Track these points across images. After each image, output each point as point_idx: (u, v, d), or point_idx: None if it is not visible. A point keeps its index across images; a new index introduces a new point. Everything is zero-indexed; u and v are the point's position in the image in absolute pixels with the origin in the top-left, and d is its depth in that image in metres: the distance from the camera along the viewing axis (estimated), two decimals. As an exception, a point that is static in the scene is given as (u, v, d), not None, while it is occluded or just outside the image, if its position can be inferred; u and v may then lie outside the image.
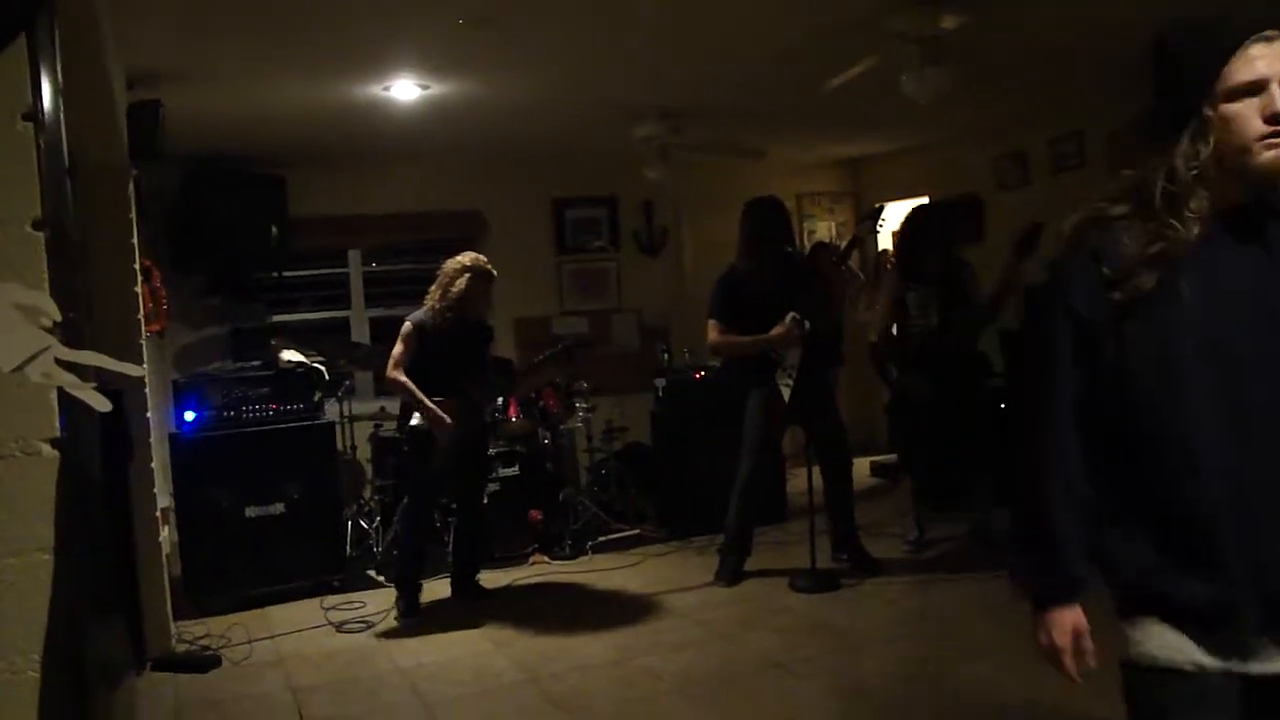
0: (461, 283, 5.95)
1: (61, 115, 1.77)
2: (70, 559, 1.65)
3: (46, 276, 1.59)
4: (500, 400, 7.31)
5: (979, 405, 6.45)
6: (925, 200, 10.10)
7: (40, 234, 1.60)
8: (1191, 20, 1.99)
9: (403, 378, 5.92)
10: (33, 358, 1.40)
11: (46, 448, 1.64)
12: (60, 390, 1.64)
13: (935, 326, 6.35)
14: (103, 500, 3.05)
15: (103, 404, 1.50)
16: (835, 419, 6.39)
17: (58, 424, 1.63)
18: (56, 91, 1.71)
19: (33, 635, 1.64)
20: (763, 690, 4.59)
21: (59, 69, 1.76)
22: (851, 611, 5.61)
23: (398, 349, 6.00)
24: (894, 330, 6.54)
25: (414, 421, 5.95)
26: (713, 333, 6.27)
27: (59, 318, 1.49)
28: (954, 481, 6.69)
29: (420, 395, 5.87)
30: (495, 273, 6.13)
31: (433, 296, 6.04)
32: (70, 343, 1.54)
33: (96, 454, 2.50)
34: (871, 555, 6.36)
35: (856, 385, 9.63)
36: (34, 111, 1.58)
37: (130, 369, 1.60)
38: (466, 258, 6.08)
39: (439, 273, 6.11)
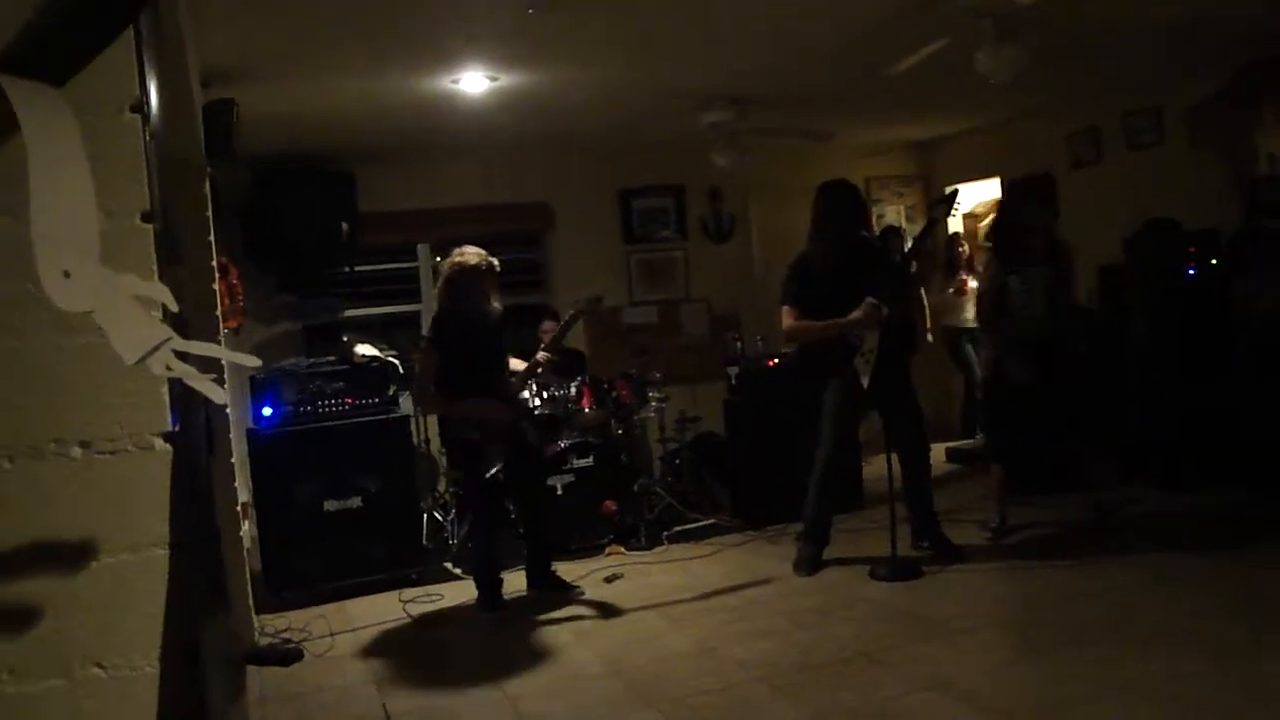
0: (460, 281, 5.90)
1: (163, 110, 1.77)
2: (185, 553, 1.65)
3: (155, 270, 1.59)
4: (573, 391, 7.31)
5: (1084, 387, 6.31)
6: (996, 182, 9.98)
7: (150, 226, 1.59)
8: None
9: (434, 396, 5.94)
10: (154, 350, 1.40)
11: (159, 441, 1.63)
12: (170, 383, 1.63)
13: (1040, 311, 6.20)
14: (210, 492, 3.07)
15: (220, 396, 1.50)
16: (913, 405, 6.29)
17: (168, 418, 1.63)
18: (160, 85, 1.71)
19: (150, 631, 1.64)
20: (849, 679, 4.53)
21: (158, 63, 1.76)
22: (934, 600, 5.53)
23: (421, 366, 6.00)
24: (995, 314, 6.39)
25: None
26: (787, 319, 6.18)
27: (176, 309, 1.49)
28: (1055, 465, 6.58)
29: (457, 404, 5.87)
30: (494, 263, 5.97)
31: (442, 297, 6.02)
32: (180, 332, 1.54)
33: (205, 448, 2.51)
34: (953, 542, 6.27)
35: (930, 371, 9.52)
36: (140, 103, 1.58)
37: (245, 359, 1.59)
38: (460, 255, 5.96)
39: (443, 272, 6.05)
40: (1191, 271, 7.32)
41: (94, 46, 1.46)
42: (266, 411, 6.48)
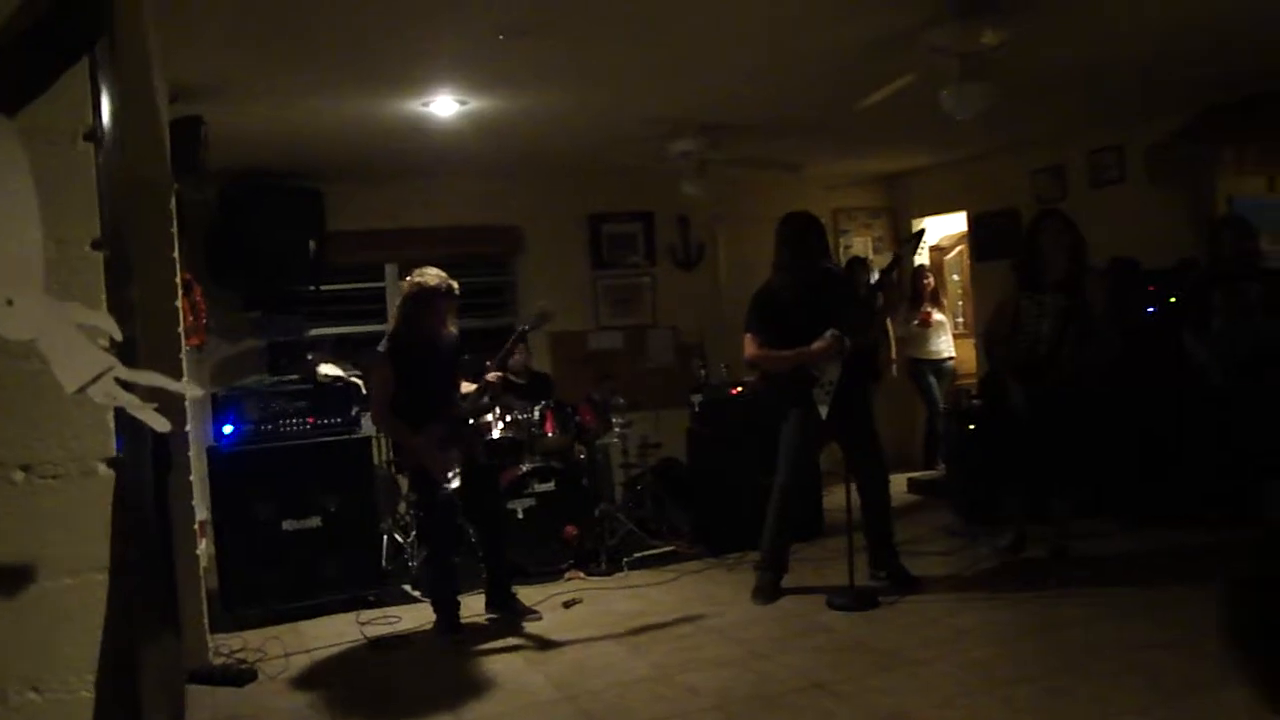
0: (417, 302, 5.89)
1: (119, 135, 1.78)
2: (125, 577, 1.65)
3: (104, 297, 1.59)
4: (536, 414, 7.31)
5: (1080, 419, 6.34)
6: (963, 216, 10.07)
7: (100, 254, 1.60)
8: None
9: (391, 419, 5.91)
10: (95, 378, 1.41)
11: (103, 467, 1.64)
12: (116, 408, 1.64)
13: (1046, 336, 6.22)
14: (155, 516, 3.05)
15: (163, 424, 1.51)
16: (873, 435, 6.34)
17: (113, 444, 1.63)
18: (115, 110, 1.72)
19: (88, 655, 1.64)
20: (802, 709, 4.54)
21: (116, 87, 1.77)
22: (890, 630, 5.55)
23: (375, 386, 5.98)
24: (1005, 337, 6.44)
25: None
26: (750, 346, 6.23)
27: (120, 337, 1.49)
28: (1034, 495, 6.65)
29: (411, 437, 5.86)
30: (453, 286, 5.95)
31: (397, 320, 6.02)
32: (127, 361, 1.55)
33: (149, 472, 2.51)
34: (910, 573, 6.31)
35: (893, 402, 9.58)
36: (94, 131, 1.58)
37: (187, 388, 1.60)
38: (420, 275, 5.94)
39: (401, 293, 6.06)
40: (1151, 310, 7.41)
41: (46, 77, 1.47)
42: (227, 429, 6.46)
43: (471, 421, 6.30)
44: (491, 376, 6.14)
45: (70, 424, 1.61)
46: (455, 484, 5.91)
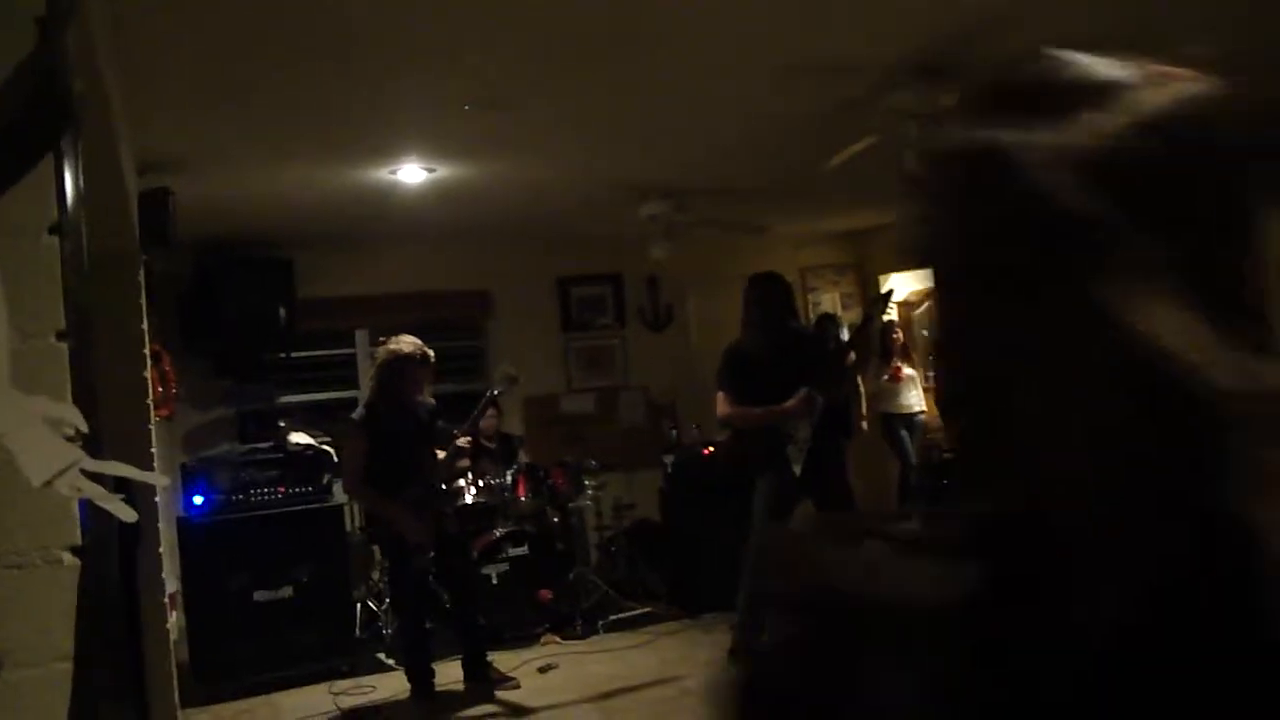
0: (391, 371, 5.91)
1: (84, 223, 1.79)
2: (89, 668, 1.64)
3: (70, 388, 1.60)
4: (509, 479, 7.29)
5: None
6: (931, 273, 10.13)
7: (64, 345, 1.61)
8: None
9: (363, 488, 5.89)
10: (62, 471, 1.42)
11: (68, 555, 1.64)
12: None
13: None
14: (121, 604, 3.03)
15: (130, 515, 1.51)
16: (847, 492, 6.37)
17: (77, 531, 1.63)
18: (79, 200, 1.74)
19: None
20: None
21: (81, 176, 1.79)
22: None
23: (348, 455, 5.97)
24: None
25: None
26: (723, 404, 6.26)
27: (85, 429, 1.50)
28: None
29: (386, 504, 5.84)
30: (429, 354, 6.02)
31: (369, 386, 6.02)
32: (92, 450, 1.55)
33: (116, 559, 2.50)
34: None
35: (866, 457, 9.61)
36: (59, 224, 1.60)
37: (154, 479, 1.61)
38: (396, 343, 5.98)
39: (375, 359, 6.08)
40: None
41: (12, 175, 1.49)
42: (198, 500, 6.42)
43: (444, 488, 6.29)
44: (462, 441, 6.14)
45: (35, 512, 1.61)
46: (429, 552, 5.89)
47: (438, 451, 6.17)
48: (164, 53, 4.03)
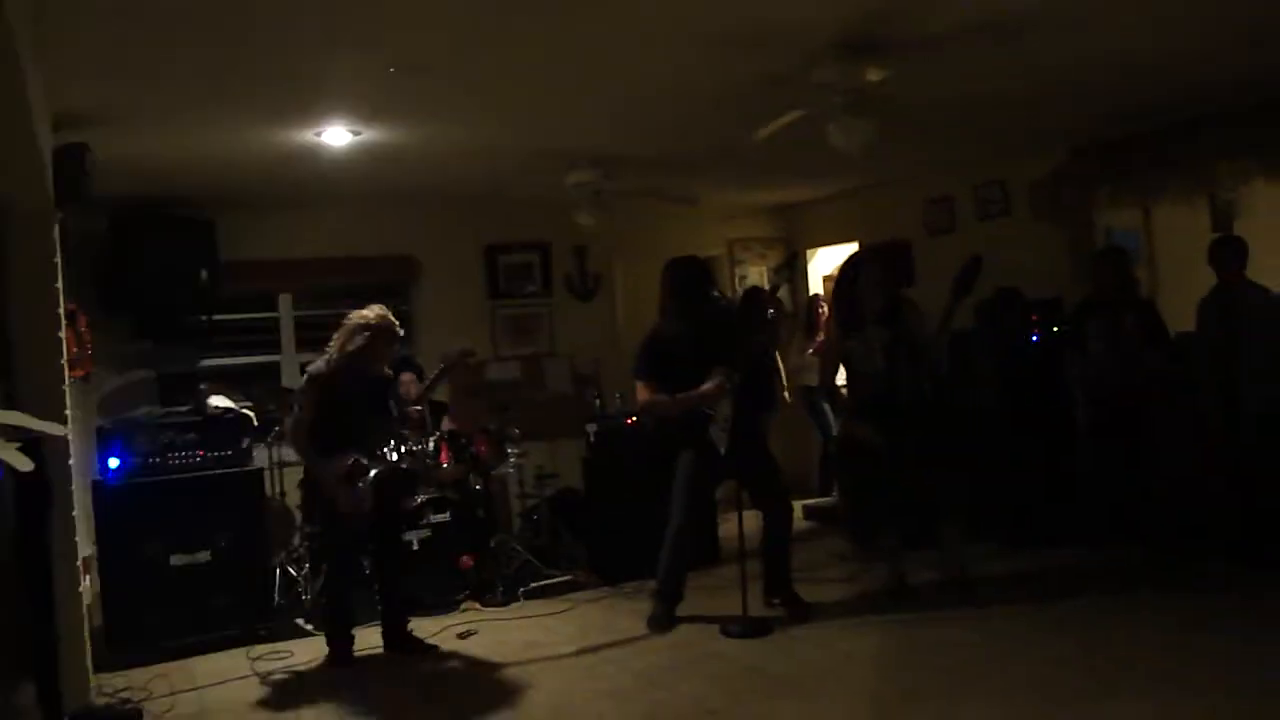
0: (360, 340, 5.85)
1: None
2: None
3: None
4: (432, 445, 7.26)
5: (936, 447, 6.42)
6: (855, 246, 10.25)
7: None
8: None
9: (307, 444, 5.84)
10: None
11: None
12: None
13: (881, 370, 6.33)
14: (17, 558, 2.98)
15: (25, 464, 1.49)
16: (771, 466, 6.43)
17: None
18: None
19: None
20: (694, 738, 4.58)
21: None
22: (784, 657, 5.61)
23: (300, 408, 5.91)
24: (838, 380, 6.54)
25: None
26: (642, 393, 6.30)
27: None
28: (912, 526, 6.69)
29: (322, 467, 5.80)
30: (396, 331, 6.00)
31: (332, 347, 5.96)
32: (7, 396, 1.53)
33: (10, 511, 2.46)
34: (804, 600, 6.38)
35: (788, 430, 9.69)
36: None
37: (53, 428, 1.59)
38: (372, 312, 5.94)
39: (343, 322, 6.01)
40: (1035, 338, 7.63)
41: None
42: (114, 463, 6.32)
43: (396, 460, 6.23)
44: (413, 411, 6.12)
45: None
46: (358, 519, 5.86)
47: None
48: (83, 5, 3.94)
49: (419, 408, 6.17)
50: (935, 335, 6.27)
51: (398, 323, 6.02)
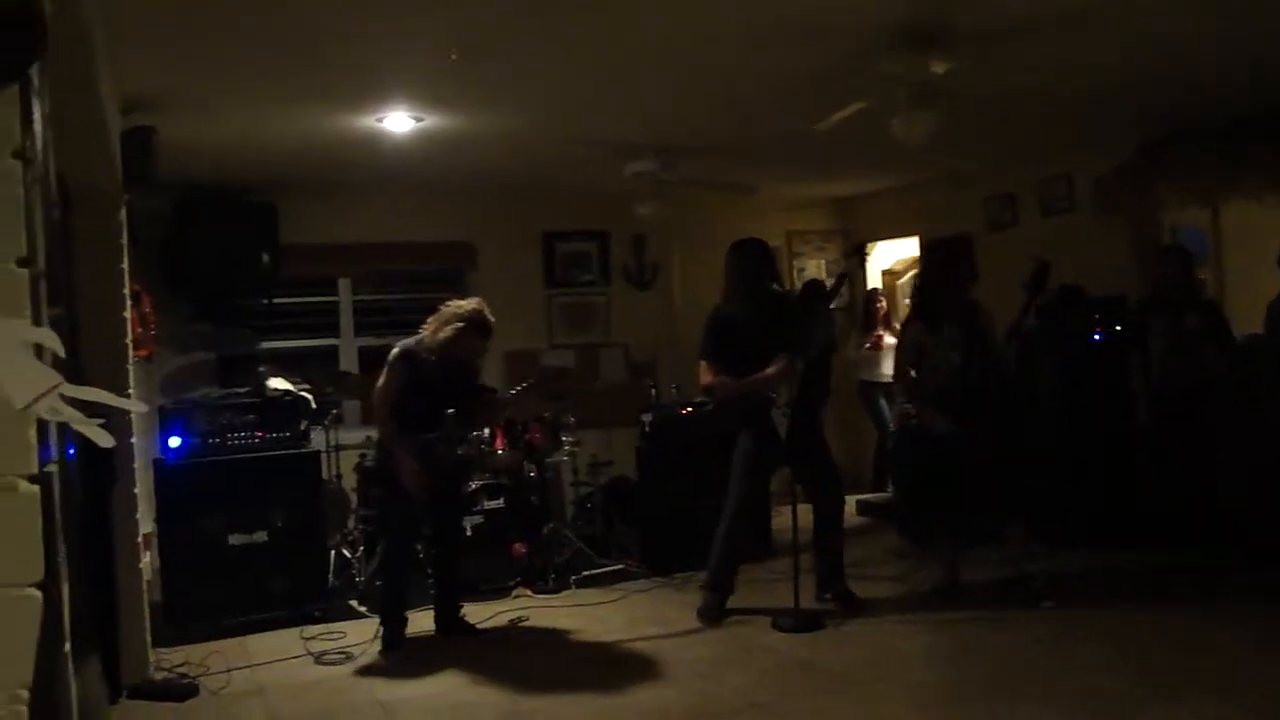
0: (449, 331, 5.89)
1: (50, 149, 1.78)
2: (47, 596, 1.65)
3: (29, 314, 1.60)
4: (486, 432, 7.29)
5: (1002, 444, 6.37)
6: (915, 241, 10.17)
7: (25, 271, 1.61)
8: None
9: (388, 416, 5.90)
10: (43, 395, 1.42)
11: (24, 483, 1.64)
12: (41, 424, 1.64)
13: (956, 368, 6.29)
14: (82, 534, 3.03)
15: (107, 440, 1.52)
16: (827, 458, 6.39)
17: (35, 459, 1.64)
18: (46, 128, 1.72)
19: (9, 675, 1.63)
20: (742, 730, 4.58)
21: (49, 101, 1.77)
22: (834, 652, 5.59)
23: (384, 377, 5.98)
24: (913, 373, 6.48)
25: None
26: (706, 374, 6.27)
27: (63, 354, 1.51)
28: (970, 524, 6.64)
29: (396, 439, 5.86)
30: (493, 324, 6.03)
31: (426, 330, 6.01)
32: (73, 376, 1.56)
33: (77, 488, 2.50)
34: (856, 595, 6.35)
35: (844, 424, 9.66)
36: (22, 150, 1.59)
37: (132, 404, 1.61)
38: (468, 306, 5.99)
39: (440, 308, 6.07)
40: (1097, 337, 7.53)
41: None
42: (174, 442, 6.41)
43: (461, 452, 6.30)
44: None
45: (-9, 440, 1.62)
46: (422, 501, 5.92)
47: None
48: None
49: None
50: (1006, 338, 6.23)
51: (492, 318, 6.03)
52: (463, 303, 6.03)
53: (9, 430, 1.58)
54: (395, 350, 6.01)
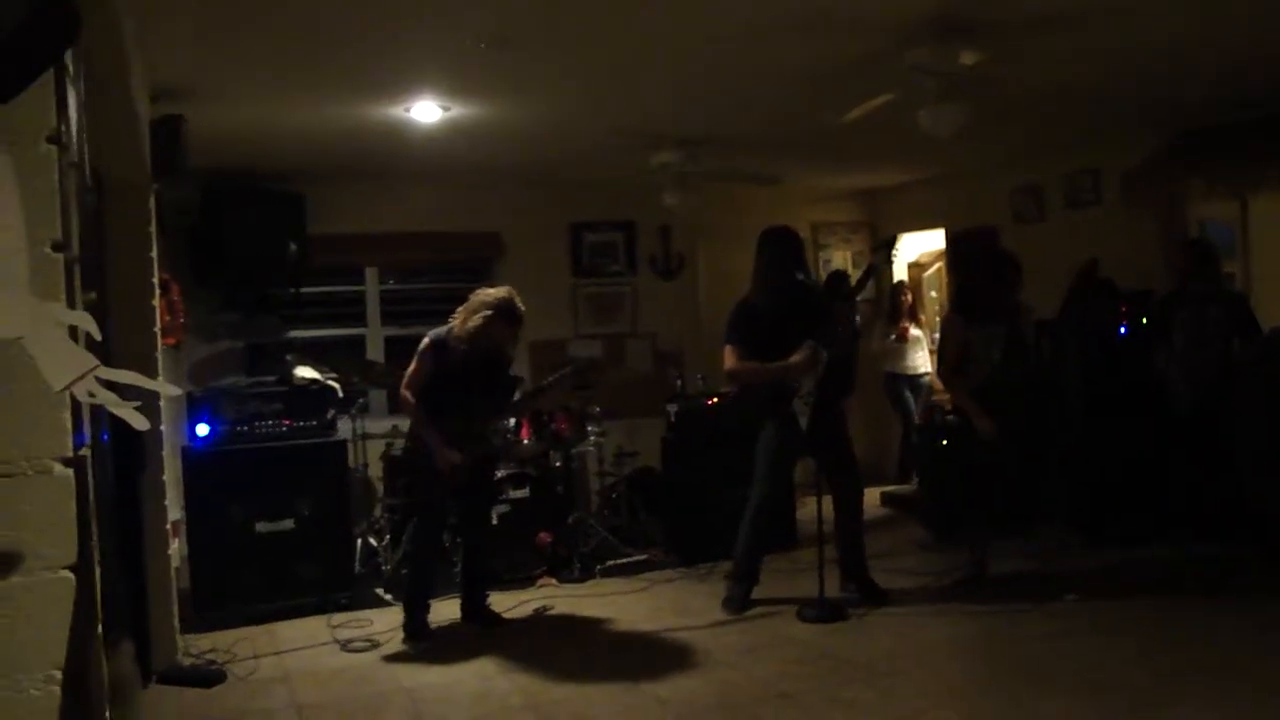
0: (478, 320, 5.89)
1: (85, 135, 1.80)
2: (81, 578, 1.67)
3: (63, 297, 1.61)
4: (511, 421, 7.31)
5: (1043, 439, 6.37)
6: (941, 233, 10.13)
7: (59, 255, 1.62)
8: None
9: (413, 399, 5.91)
10: (80, 377, 1.44)
11: (59, 466, 1.65)
12: (75, 407, 1.66)
13: (997, 363, 6.28)
14: (114, 518, 3.06)
15: (142, 423, 1.53)
16: (847, 449, 6.38)
17: (69, 442, 1.65)
18: (80, 112, 1.74)
19: (43, 656, 1.65)
20: (765, 719, 4.59)
21: (83, 89, 1.79)
22: (858, 643, 5.59)
23: (413, 366, 6.00)
24: (958, 366, 6.47)
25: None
26: (730, 359, 6.26)
27: (99, 337, 1.52)
28: (998, 516, 6.63)
29: (426, 425, 5.88)
30: (522, 313, 6.01)
31: (456, 319, 6.02)
32: (104, 360, 1.57)
33: (110, 472, 2.53)
34: (880, 586, 6.34)
35: (869, 416, 9.64)
36: (58, 135, 1.60)
37: (165, 388, 1.63)
38: (496, 294, 5.97)
39: (470, 296, 6.08)
40: (1124, 330, 7.49)
41: (14, 87, 1.49)
42: (202, 430, 6.45)
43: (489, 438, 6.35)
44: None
45: (24, 422, 1.63)
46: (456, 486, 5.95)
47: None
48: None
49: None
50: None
51: (522, 307, 6.02)
52: (491, 290, 6.02)
53: (44, 413, 1.59)
54: (425, 340, 6.03)
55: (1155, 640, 5.29)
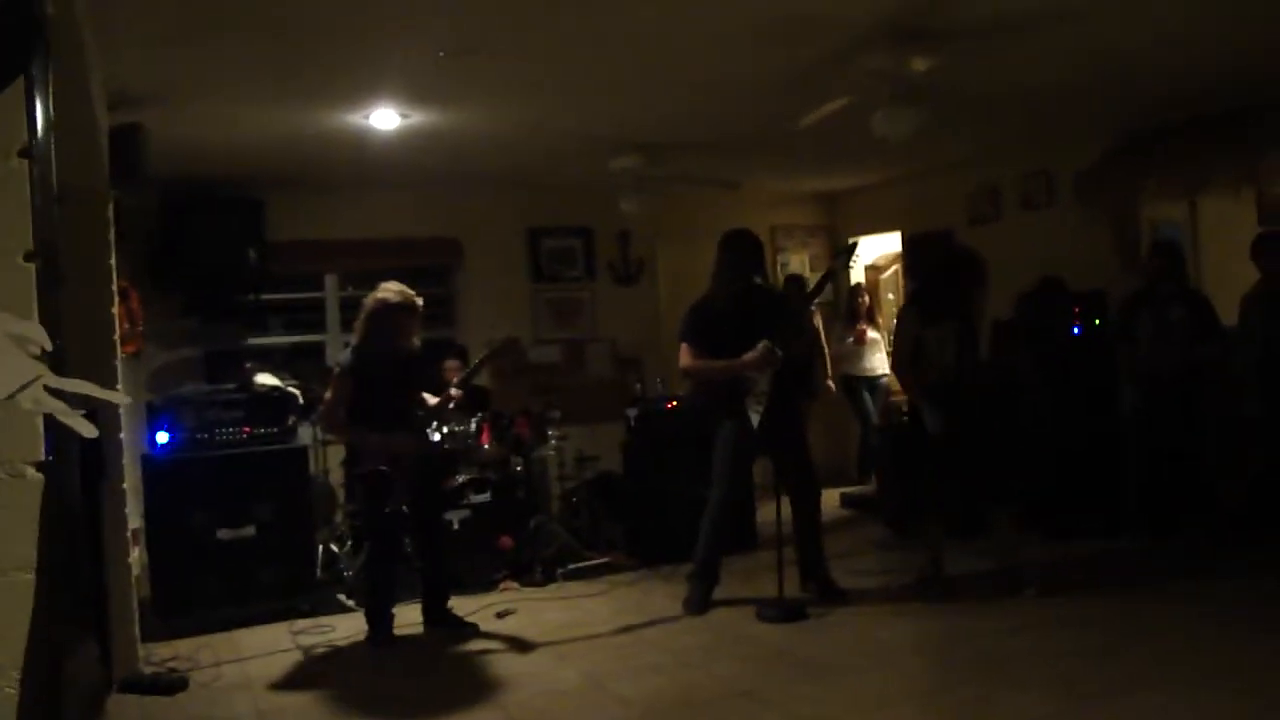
0: (375, 321, 5.92)
1: (53, 148, 1.83)
2: (50, 580, 1.69)
3: (35, 307, 1.64)
4: (473, 426, 7.33)
5: (998, 438, 6.44)
6: (898, 236, 10.23)
7: (31, 266, 1.65)
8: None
9: (343, 424, 5.93)
10: (25, 385, 1.46)
11: (31, 470, 1.68)
12: (48, 414, 1.68)
13: (950, 363, 6.35)
14: (82, 522, 3.07)
15: (90, 431, 1.56)
16: (803, 450, 6.44)
17: (42, 447, 1.68)
18: (49, 126, 1.77)
19: (12, 654, 1.68)
20: (728, 717, 4.63)
21: (51, 103, 1.81)
22: (818, 641, 5.65)
23: (329, 396, 6.00)
24: (911, 366, 6.53)
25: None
26: (685, 356, 6.32)
27: (50, 347, 1.54)
28: (955, 515, 6.71)
29: (366, 434, 5.88)
30: (417, 302, 6.01)
31: (356, 334, 6.04)
32: (56, 369, 1.60)
33: (77, 476, 2.54)
34: (839, 585, 6.41)
35: (828, 417, 9.72)
36: (29, 148, 1.63)
37: (116, 397, 1.65)
38: (385, 290, 5.98)
39: (362, 304, 6.07)
40: (1077, 330, 7.61)
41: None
42: (162, 437, 6.44)
43: (439, 439, 6.34)
44: (454, 393, 6.20)
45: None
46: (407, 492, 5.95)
47: (425, 396, 6.21)
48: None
49: (458, 391, 6.22)
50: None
51: (411, 292, 6.01)
52: (376, 293, 6.01)
53: (18, 419, 1.62)
54: (335, 368, 6.04)
55: (1113, 633, 5.38)
